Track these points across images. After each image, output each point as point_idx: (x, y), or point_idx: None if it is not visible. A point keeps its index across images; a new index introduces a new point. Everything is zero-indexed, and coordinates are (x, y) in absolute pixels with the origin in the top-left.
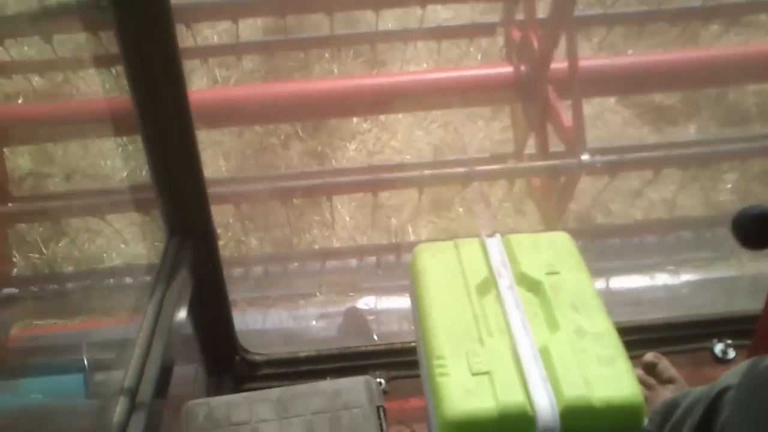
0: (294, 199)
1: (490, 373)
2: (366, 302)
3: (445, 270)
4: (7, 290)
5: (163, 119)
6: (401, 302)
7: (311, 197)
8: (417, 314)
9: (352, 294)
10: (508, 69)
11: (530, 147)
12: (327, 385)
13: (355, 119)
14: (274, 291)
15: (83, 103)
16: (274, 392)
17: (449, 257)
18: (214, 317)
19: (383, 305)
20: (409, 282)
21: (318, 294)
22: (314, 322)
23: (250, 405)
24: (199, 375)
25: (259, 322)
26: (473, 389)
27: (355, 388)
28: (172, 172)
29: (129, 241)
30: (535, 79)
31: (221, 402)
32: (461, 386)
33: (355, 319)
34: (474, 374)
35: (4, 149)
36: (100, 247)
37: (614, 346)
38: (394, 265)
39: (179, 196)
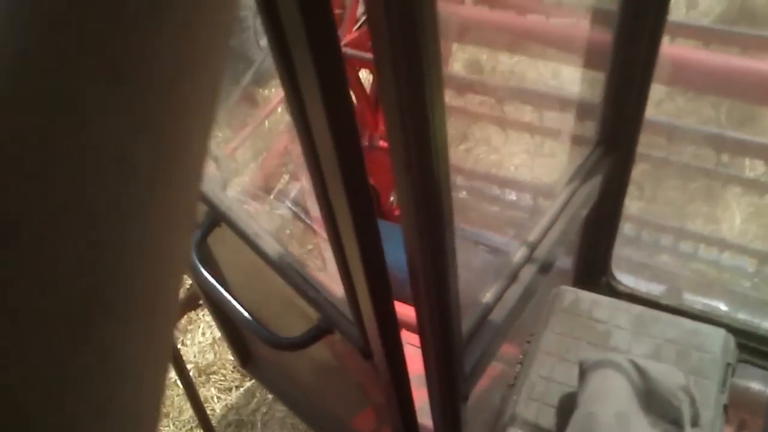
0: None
1: None
2: None
3: None
4: None
5: (639, 52)
6: None
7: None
8: None
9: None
10: None
11: None
12: (688, 322)
13: None
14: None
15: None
16: (638, 308)
17: None
18: (602, 233)
19: None
20: None
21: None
22: None
23: (612, 309)
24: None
25: None
26: None
27: (714, 335)
28: (622, 93)
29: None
30: None
31: (588, 296)
32: None
33: None
34: None
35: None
36: (492, 162)
37: None
38: None
39: (619, 115)
